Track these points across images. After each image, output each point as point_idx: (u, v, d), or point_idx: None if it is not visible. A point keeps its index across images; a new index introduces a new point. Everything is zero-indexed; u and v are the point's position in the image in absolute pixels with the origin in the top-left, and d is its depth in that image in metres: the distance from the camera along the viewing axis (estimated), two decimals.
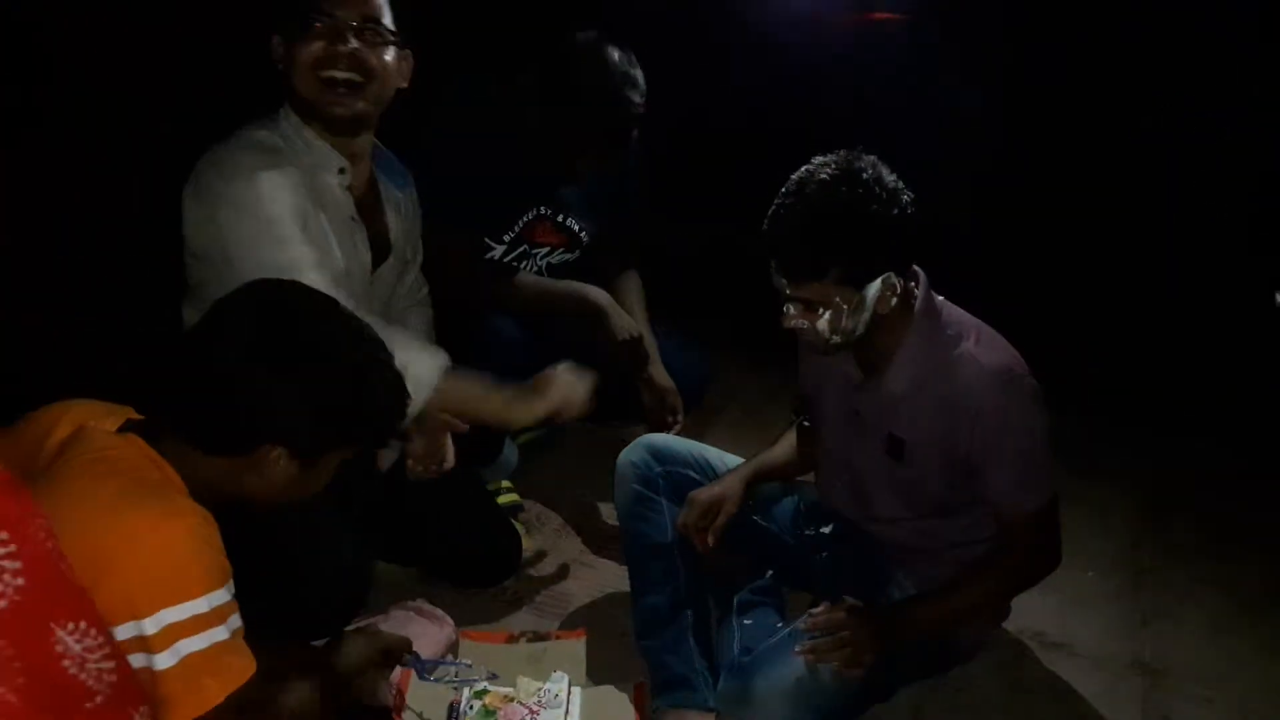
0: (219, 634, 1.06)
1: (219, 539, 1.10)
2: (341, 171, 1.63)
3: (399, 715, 1.62)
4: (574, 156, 1.97)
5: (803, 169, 1.46)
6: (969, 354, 1.48)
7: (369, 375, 1.21)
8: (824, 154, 1.46)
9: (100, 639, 0.88)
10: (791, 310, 1.48)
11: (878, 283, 1.43)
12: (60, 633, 0.83)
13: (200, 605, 1.04)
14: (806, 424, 1.82)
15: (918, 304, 1.50)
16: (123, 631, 1.02)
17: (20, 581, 0.78)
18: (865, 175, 1.41)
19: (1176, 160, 2.37)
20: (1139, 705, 1.71)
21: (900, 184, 1.44)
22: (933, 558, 1.65)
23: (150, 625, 1.02)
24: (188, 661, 1.04)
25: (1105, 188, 2.46)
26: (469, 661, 1.66)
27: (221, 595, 1.07)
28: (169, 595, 1.03)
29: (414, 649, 1.57)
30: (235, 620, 1.09)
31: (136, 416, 1.20)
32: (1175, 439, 2.43)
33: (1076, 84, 2.47)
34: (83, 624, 0.86)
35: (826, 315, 1.45)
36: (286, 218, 1.53)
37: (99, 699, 0.87)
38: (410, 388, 1.33)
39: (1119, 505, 2.23)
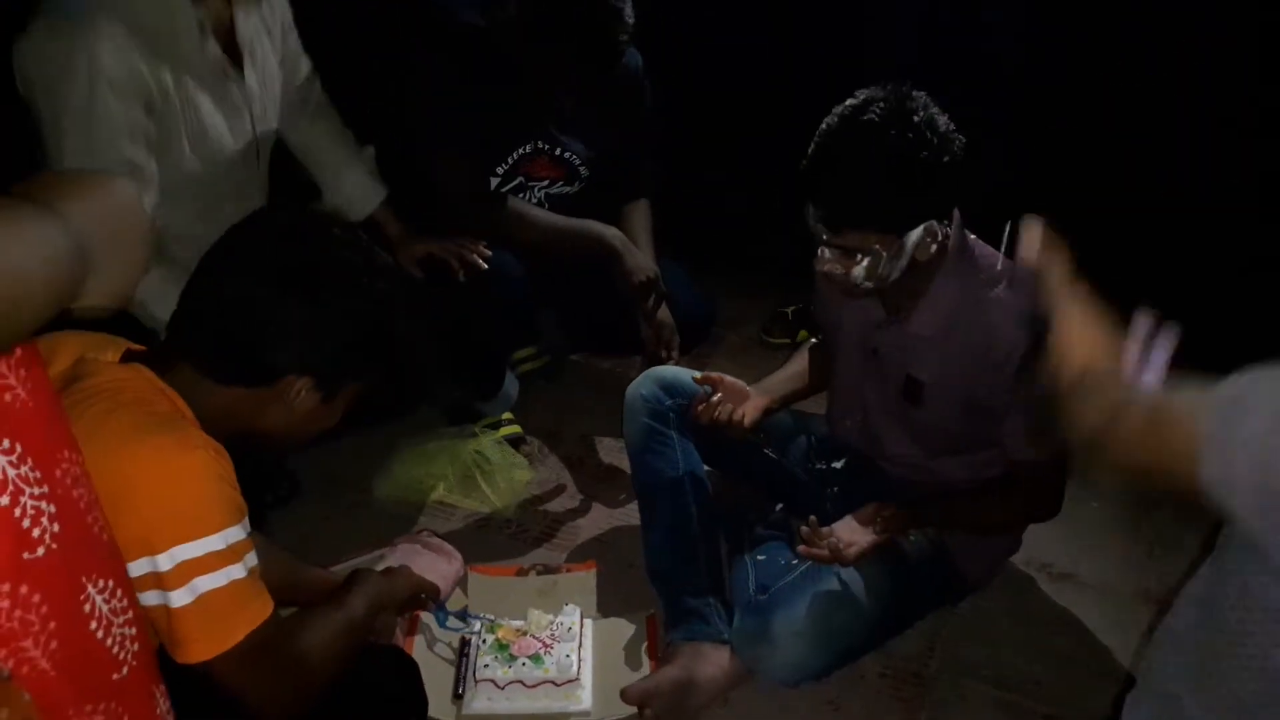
0: (236, 572, 1.03)
1: (233, 474, 1.06)
2: (201, 29, 1.54)
3: (411, 648, 1.61)
4: (557, 79, 1.88)
5: (848, 105, 1.37)
6: (1001, 297, 1.44)
7: (391, 303, 1.16)
8: (870, 89, 1.37)
9: (125, 602, 0.81)
10: (827, 255, 1.41)
11: (920, 230, 1.37)
12: (90, 590, 0.76)
13: (215, 542, 1.01)
14: (815, 341, 1.79)
15: (951, 244, 1.45)
16: (137, 568, 0.98)
17: (56, 529, 0.71)
18: (917, 118, 1.32)
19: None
20: (1145, 635, 1.73)
21: (952, 127, 1.36)
22: (944, 495, 1.64)
23: (165, 561, 0.98)
24: (205, 599, 1.00)
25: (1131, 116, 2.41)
26: (491, 616, 1.64)
27: (237, 532, 1.04)
28: (183, 531, 0.99)
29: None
30: (252, 559, 1.06)
31: (135, 347, 1.14)
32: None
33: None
34: (110, 583, 0.79)
35: (864, 263, 1.39)
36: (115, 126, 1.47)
37: (125, 670, 0.80)
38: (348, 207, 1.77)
39: None
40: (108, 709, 0.79)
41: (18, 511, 0.68)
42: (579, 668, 1.55)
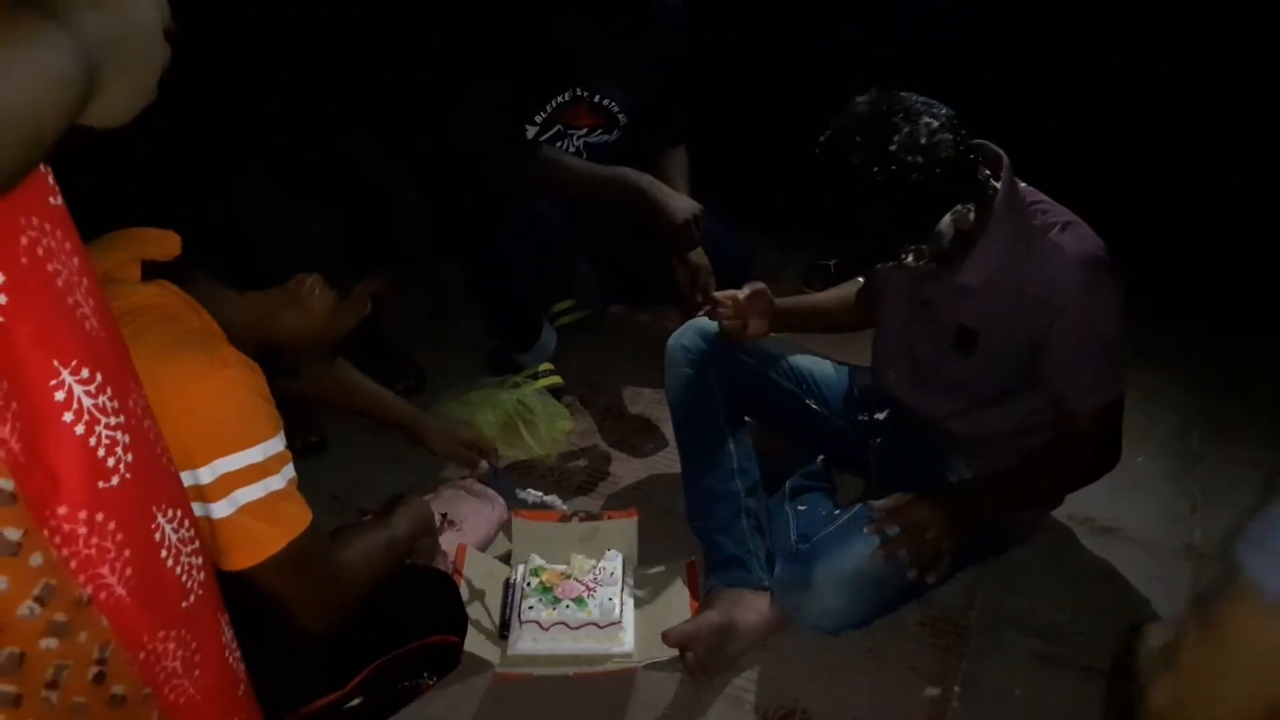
0: (275, 483, 1.06)
1: (267, 389, 1.09)
2: None
3: (462, 561, 1.64)
4: (587, 41, 1.86)
5: (825, 139, 1.36)
6: (1054, 243, 1.41)
7: (394, 194, 1.19)
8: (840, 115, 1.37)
9: (192, 532, 0.83)
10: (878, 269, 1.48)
11: (947, 218, 1.38)
12: (161, 519, 0.78)
13: (254, 454, 1.04)
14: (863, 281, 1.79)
15: (999, 194, 1.42)
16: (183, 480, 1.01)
17: (130, 458, 0.72)
18: (894, 144, 1.30)
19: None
20: (1188, 589, 1.72)
21: (936, 124, 1.32)
22: (988, 444, 1.63)
23: (206, 474, 1.02)
24: (246, 510, 1.04)
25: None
26: (539, 493, 1.72)
27: (275, 445, 1.07)
28: (223, 445, 1.02)
29: (463, 525, 1.65)
30: (290, 470, 1.10)
31: (153, 254, 1.16)
32: (1227, 329, 2.39)
33: None
34: (178, 513, 0.81)
35: (909, 260, 1.42)
36: None
37: (192, 598, 0.83)
38: None
39: (1170, 391, 2.20)
40: (178, 635, 0.81)
41: (93, 440, 0.69)
42: (621, 611, 1.58)
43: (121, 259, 1.13)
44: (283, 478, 1.07)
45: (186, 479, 1.01)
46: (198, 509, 1.03)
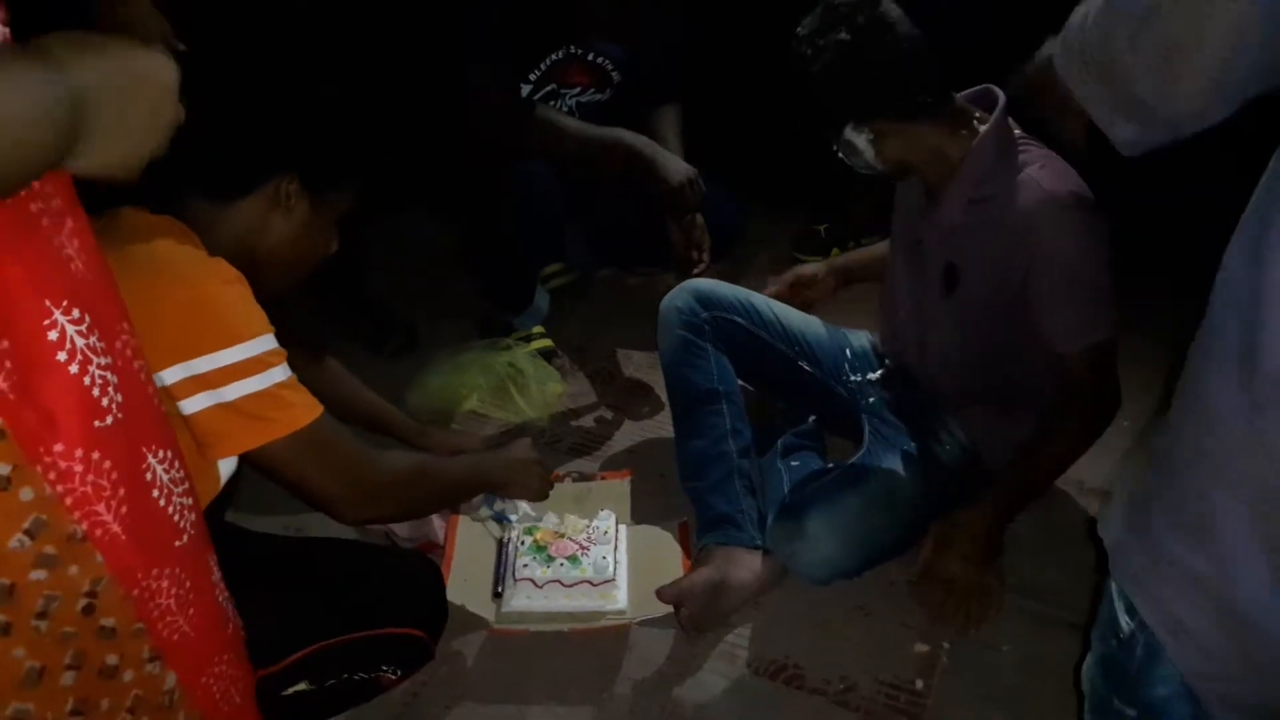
0: (277, 374, 1.09)
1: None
2: None
3: (450, 555, 1.64)
4: None
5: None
6: (1031, 179, 1.42)
7: (356, 97, 1.25)
8: None
9: (182, 473, 0.84)
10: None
11: (861, 137, 1.44)
12: (151, 459, 0.78)
13: (253, 348, 1.07)
14: None
15: (984, 130, 1.44)
16: (173, 374, 1.04)
17: (120, 398, 0.73)
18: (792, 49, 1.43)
19: None
20: None
21: (831, 57, 1.39)
22: (978, 404, 1.65)
23: (204, 364, 1.04)
24: (251, 397, 1.07)
25: None
26: (534, 514, 1.67)
27: (272, 341, 1.09)
28: (221, 338, 1.05)
29: None
30: (289, 370, 1.12)
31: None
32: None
33: None
34: (169, 453, 0.82)
35: (850, 157, 1.52)
36: None
37: (185, 538, 0.83)
38: None
39: (1153, 356, 2.21)
40: (172, 574, 0.82)
41: (87, 380, 0.70)
42: (615, 569, 1.58)
43: (121, 212, 1.16)
44: (284, 370, 1.10)
45: (182, 371, 1.03)
46: (200, 401, 1.05)
